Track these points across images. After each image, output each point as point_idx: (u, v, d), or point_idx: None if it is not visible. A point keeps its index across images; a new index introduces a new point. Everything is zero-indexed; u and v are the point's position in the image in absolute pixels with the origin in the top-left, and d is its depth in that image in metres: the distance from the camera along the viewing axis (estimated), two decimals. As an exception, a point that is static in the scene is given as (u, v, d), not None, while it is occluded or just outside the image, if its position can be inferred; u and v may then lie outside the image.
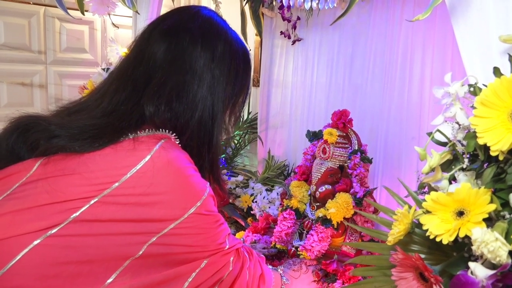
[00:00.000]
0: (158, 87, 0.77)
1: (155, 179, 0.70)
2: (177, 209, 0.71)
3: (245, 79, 0.90)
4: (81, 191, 0.68)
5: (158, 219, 0.70)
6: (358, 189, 1.29)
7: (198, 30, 0.81)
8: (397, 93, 1.52)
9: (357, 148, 1.35)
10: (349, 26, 1.65)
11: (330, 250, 1.29)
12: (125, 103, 0.77)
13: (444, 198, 0.58)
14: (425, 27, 1.41)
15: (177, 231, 0.71)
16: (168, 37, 0.81)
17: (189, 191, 0.73)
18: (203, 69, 0.79)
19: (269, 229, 1.47)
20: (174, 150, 0.75)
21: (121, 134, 0.74)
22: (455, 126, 0.63)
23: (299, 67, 1.87)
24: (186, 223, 0.72)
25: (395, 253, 0.64)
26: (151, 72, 0.78)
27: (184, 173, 0.73)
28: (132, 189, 0.69)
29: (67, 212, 0.67)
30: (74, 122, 0.75)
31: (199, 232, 0.74)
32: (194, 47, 0.79)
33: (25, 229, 0.65)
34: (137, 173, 0.70)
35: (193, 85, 0.79)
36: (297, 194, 1.41)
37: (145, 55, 0.80)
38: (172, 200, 0.71)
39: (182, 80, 0.78)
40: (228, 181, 1.82)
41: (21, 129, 0.76)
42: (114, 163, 0.71)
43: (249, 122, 2.23)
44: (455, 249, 0.63)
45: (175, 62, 0.79)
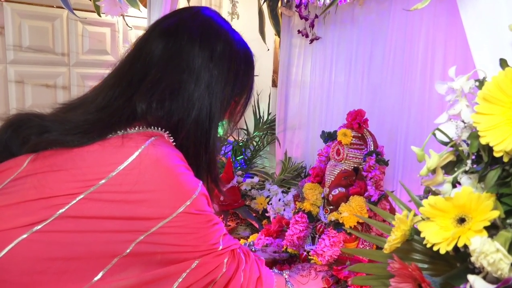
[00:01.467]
0: (152, 84, 0.77)
1: (142, 177, 0.69)
2: (165, 207, 0.70)
3: (246, 80, 0.88)
4: (68, 187, 0.68)
5: (146, 217, 0.69)
6: (372, 192, 1.23)
7: (197, 29, 0.81)
8: (417, 93, 1.45)
9: (372, 149, 1.29)
10: (368, 23, 1.59)
11: (342, 256, 1.24)
12: (118, 98, 0.76)
13: (443, 204, 0.53)
14: (446, 22, 1.33)
15: (165, 230, 0.70)
16: (167, 36, 0.80)
17: (177, 190, 0.71)
18: (200, 68, 0.78)
19: (282, 232, 1.43)
20: (164, 148, 0.73)
21: (110, 130, 0.74)
22: (459, 124, 0.58)
23: (317, 66, 1.82)
24: (175, 222, 0.70)
25: (392, 262, 0.59)
26: (147, 69, 0.78)
27: (173, 171, 0.71)
28: (118, 186, 0.68)
29: (54, 208, 0.67)
30: (68, 118, 0.76)
31: (189, 231, 0.72)
32: (192, 46, 0.79)
33: (12, 224, 0.66)
34: (124, 170, 0.69)
35: (190, 84, 0.78)
36: (310, 197, 1.36)
37: (143, 53, 0.79)
38: (160, 199, 0.69)
39: (177, 78, 0.78)
40: (243, 183, 1.79)
41: (14, 126, 0.76)
42: (101, 160, 0.70)
43: (269, 123, 2.20)
44: (459, 260, 0.58)
45: (172, 60, 0.78)
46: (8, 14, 1.81)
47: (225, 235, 0.80)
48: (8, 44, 1.83)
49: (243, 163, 2.21)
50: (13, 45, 1.84)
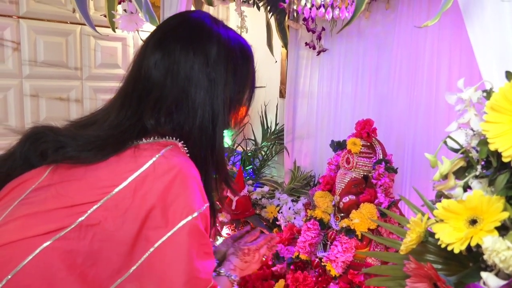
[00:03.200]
0: (156, 101, 0.79)
1: (155, 184, 0.71)
2: (170, 217, 0.70)
3: (246, 75, 0.88)
4: (86, 195, 0.71)
5: (154, 227, 0.70)
6: (382, 200, 1.26)
7: (188, 37, 0.81)
8: (424, 102, 1.49)
9: (381, 157, 1.33)
10: (374, 35, 1.64)
11: (355, 262, 1.27)
12: (130, 118, 0.79)
13: (455, 206, 0.57)
14: (451, 33, 1.38)
15: (165, 246, 0.70)
16: (160, 49, 0.81)
17: (184, 200, 0.71)
18: (198, 75, 0.79)
19: (293, 240, 1.46)
20: (178, 157, 0.75)
21: (123, 145, 0.76)
22: (469, 132, 0.62)
23: (324, 77, 1.87)
24: (175, 237, 0.70)
25: (408, 263, 0.62)
26: (149, 86, 0.80)
27: (186, 180, 0.72)
28: (133, 191, 0.70)
29: (74, 216, 0.69)
30: (81, 134, 0.78)
31: (183, 252, 0.71)
32: (187, 55, 0.79)
33: (35, 232, 0.68)
34: (138, 177, 0.71)
35: (191, 92, 0.79)
36: (321, 205, 1.40)
37: (142, 70, 0.81)
38: (168, 206, 0.71)
39: (179, 90, 0.79)
40: (254, 192, 1.83)
41: (32, 139, 0.79)
42: (117, 169, 0.73)
43: (276, 133, 2.24)
44: (471, 259, 0.61)
45: (170, 74, 0.79)
46: (24, 31, 1.87)
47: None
48: (24, 59, 1.89)
49: (252, 173, 2.25)
50: (28, 60, 1.90)
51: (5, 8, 1.81)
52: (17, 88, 1.89)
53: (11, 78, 1.87)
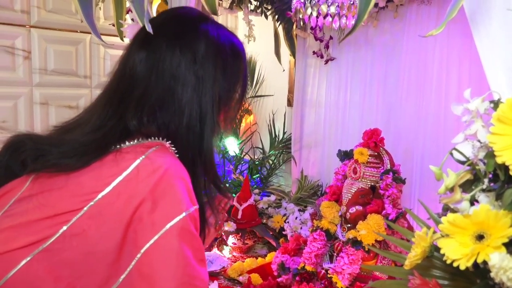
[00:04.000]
0: (139, 99, 0.76)
1: (139, 188, 0.68)
2: (157, 220, 0.67)
3: (236, 72, 0.84)
4: (68, 204, 0.68)
5: (140, 231, 0.67)
6: (390, 211, 1.24)
7: (174, 33, 0.79)
8: (433, 112, 1.47)
9: (389, 167, 1.31)
10: (382, 44, 1.63)
11: (361, 274, 1.25)
12: (111, 118, 0.76)
13: (462, 221, 0.55)
14: (460, 42, 1.36)
15: (151, 251, 0.66)
16: (145, 46, 0.79)
17: (171, 201, 0.68)
18: (185, 73, 0.77)
19: (299, 250, 1.44)
20: (164, 158, 0.72)
21: (106, 150, 0.73)
22: (476, 144, 0.60)
23: (332, 86, 1.86)
24: (162, 241, 0.66)
25: (413, 278, 0.60)
26: (133, 84, 0.77)
27: (171, 181, 0.69)
28: (116, 197, 0.68)
29: (57, 226, 0.67)
30: (64, 140, 0.76)
31: (173, 257, 0.66)
32: (173, 53, 0.77)
33: (18, 244, 0.66)
34: (121, 181, 0.68)
35: (177, 91, 0.76)
36: (328, 215, 1.38)
37: (127, 67, 0.78)
38: (154, 210, 0.67)
39: (164, 88, 0.76)
40: (260, 201, 1.81)
41: (12, 149, 0.77)
42: (100, 175, 0.70)
43: (284, 142, 2.23)
44: (478, 276, 0.59)
45: (155, 71, 0.77)
46: (35, 40, 1.90)
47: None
48: (34, 68, 1.92)
49: (259, 181, 2.23)
50: (38, 68, 1.92)
51: (17, 17, 1.83)
52: (27, 96, 1.91)
53: (22, 86, 1.89)
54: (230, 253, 1.70)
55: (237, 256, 1.67)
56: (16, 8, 1.82)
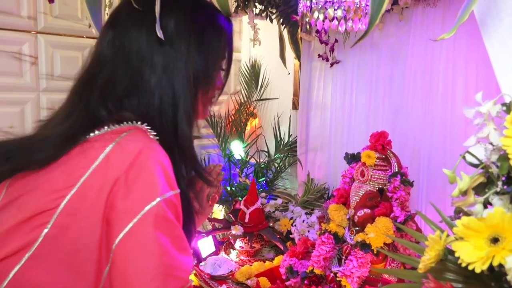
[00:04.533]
0: (105, 84, 0.72)
1: (109, 176, 0.64)
2: (129, 208, 0.63)
3: (215, 49, 0.78)
4: (44, 203, 0.65)
5: (113, 222, 0.63)
6: (398, 213, 1.24)
7: (142, 12, 0.73)
8: (439, 114, 1.47)
9: (397, 170, 1.31)
10: (388, 47, 1.63)
11: (371, 277, 1.25)
12: (77, 107, 0.73)
13: (476, 224, 0.55)
14: (467, 44, 1.36)
15: (122, 245, 0.62)
16: (112, 27, 0.75)
17: (144, 186, 0.64)
18: (153, 53, 0.72)
19: (307, 254, 1.44)
20: (138, 142, 0.67)
21: (74, 141, 0.69)
22: (488, 147, 0.60)
23: (338, 89, 1.86)
24: (134, 232, 0.62)
25: (427, 281, 0.60)
26: (101, 68, 0.73)
27: (145, 166, 0.65)
28: (89, 190, 0.64)
29: (38, 229, 0.64)
30: (34, 137, 0.73)
31: (147, 249, 0.62)
32: (139, 32, 0.72)
33: (4, 253, 0.64)
34: (92, 172, 0.65)
35: (145, 73, 0.72)
36: (335, 218, 1.38)
37: (97, 51, 0.75)
38: (126, 197, 0.63)
39: (132, 71, 0.72)
40: (267, 204, 1.81)
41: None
42: (69, 169, 0.67)
43: (290, 145, 2.23)
44: (493, 279, 0.59)
45: (121, 53, 0.72)
46: (41, 45, 1.91)
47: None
48: (41, 73, 1.93)
49: (265, 185, 2.24)
50: (45, 74, 1.93)
51: (24, 23, 1.85)
52: (34, 101, 1.92)
53: (29, 92, 1.90)
54: (237, 256, 1.70)
55: (245, 260, 1.67)
56: (23, 14, 1.84)
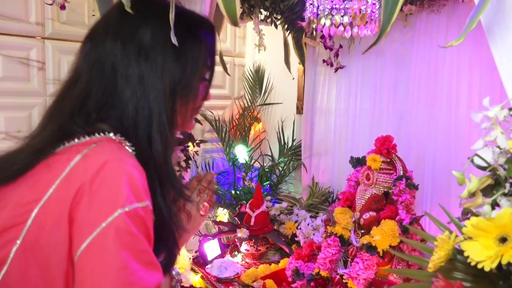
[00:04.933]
0: (79, 96, 0.71)
1: (72, 189, 0.62)
2: (90, 220, 0.60)
3: (195, 58, 0.75)
4: (13, 218, 0.64)
5: (76, 236, 0.61)
6: (404, 216, 1.26)
7: (118, 24, 0.72)
8: (444, 119, 1.49)
9: (402, 174, 1.33)
10: (392, 52, 1.65)
11: (376, 279, 1.26)
12: (52, 119, 0.72)
13: (485, 224, 0.57)
14: (471, 50, 1.38)
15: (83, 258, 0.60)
16: (89, 39, 0.74)
17: (105, 198, 0.61)
18: (127, 66, 0.70)
19: (313, 256, 1.46)
20: (105, 153, 0.65)
21: (42, 154, 0.67)
22: (495, 150, 0.62)
23: (342, 94, 1.88)
24: (95, 244, 0.59)
25: (437, 280, 0.62)
26: (77, 80, 0.72)
27: (110, 177, 0.62)
28: (54, 204, 0.62)
29: (7, 246, 0.63)
30: (11, 152, 0.72)
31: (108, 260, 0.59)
32: (114, 44, 0.70)
33: None
34: (57, 187, 0.63)
35: (119, 86, 0.70)
36: (341, 221, 1.40)
37: (74, 65, 0.74)
38: (86, 210, 0.61)
39: (107, 83, 0.70)
40: (272, 208, 1.83)
41: None
42: (36, 183, 0.65)
43: (293, 149, 2.25)
44: (501, 278, 0.61)
45: (96, 65, 0.71)
46: (49, 51, 1.94)
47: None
48: (48, 78, 1.95)
49: (269, 188, 2.26)
50: (52, 79, 1.96)
51: (31, 29, 1.87)
52: (41, 106, 1.94)
53: (36, 97, 1.92)
54: (242, 259, 1.72)
55: (250, 263, 1.69)
56: (31, 20, 1.86)
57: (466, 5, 1.38)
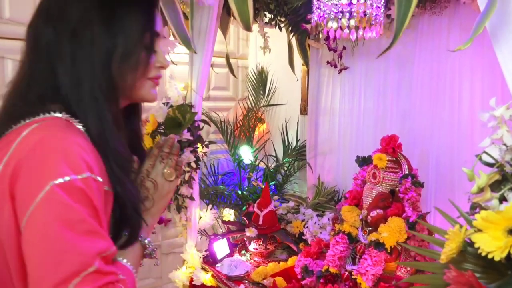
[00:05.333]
0: (21, 80, 0.74)
1: (10, 169, 0.64)
2: (26, 199, 0.62)
3: (132, 27, 0.74)
4: None
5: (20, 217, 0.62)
6: (410, 213, 1.29)
7: (47, 6, 0.75)
8: (447, 118, 1.53)
9: (408, 172, 1.37)
10: (395, 53, 1.69)
11: (385, 275, 1.30)
12: (3, 107, 0.75)
13: (494, 217, 0.60)
14: (473, 51, 1.42)
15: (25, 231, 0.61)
16: (28, 27, 0.75)
17: (38, 172, 0.62)
18: (60, 45, 0.71)
19: (321, 254, 1.49)
20: (44, 131, 0.67)
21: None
22: (502, 147, 0.66)
23: (346, 94, 1.92)
24: (35, 213, 0.61)
25: (449, 271, 0.66)
26: (23, 67, 0.75)
27: (44, 153, 0.63)
28: (1, 185, 0.64)
29: None
30: None
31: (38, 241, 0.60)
32: (46, 26, 0.72)
33: None
34: (3, 168, 0.65)
35: (55, 66, 0.72)
36: (349, 219, 1.43)
37: (21, 52, 0.76)
38: (22, 188, 0.63)
39: (44, 65, 0.72)
40: (279, 207, 1.87)
41: None
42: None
43: (298, 149, 2.29)
44: (510, 268, 0.65)
45: (35, 49, 0.74)
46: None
47: (105, 258, 0.64)
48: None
49: (274, 188, 2.29)
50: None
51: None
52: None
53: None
54: (251, 258, 1.75)
55: (258, 261, 1.73)
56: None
57: (467, 7, 1.41)
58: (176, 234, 2.43)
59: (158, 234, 2.39)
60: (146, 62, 0.77)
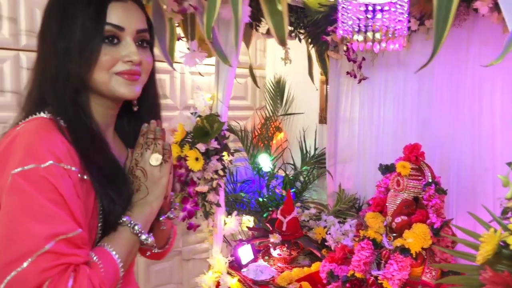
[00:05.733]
0: (29, 92, 0.83)
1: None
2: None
3: (83, 22, 0.77)
4: None
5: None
6: (435, 220, 1.33)
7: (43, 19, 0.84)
8: (467, 126, 1.57)
9: (431, 180, 1.41)
10: (414, 64, 1.74)
11: (410, 280, 1.34)
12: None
13: (529, 220, 0.65)
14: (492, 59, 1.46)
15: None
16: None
17: (9, 163, 0.69)
18: (41, 46, 0.82)
19: (345, 259, 1.53)
20: (24, 127, 0.74)
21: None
22: (534, 155, 0.70)
23: (365, 103, 1.97)
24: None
25: (485, 272, 0.70)
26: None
27: (15, 144, 0.71)
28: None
29: None
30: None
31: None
32: (38, 40, 0.83)
33: None
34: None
35: (34, 71, 0.83)
36: (373, 225, 1.47)
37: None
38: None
39: (37, 66, 0.83)
40: (302, 214, 1.91)
41: None
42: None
43: (316, 158, 2.33)
44: (543, 269, 0.69)
45: (38, 50, 0.83)
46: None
47: (67, 241, 0.67)
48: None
49: (293, 196, 2.33)
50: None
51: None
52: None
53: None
54: (274, 263, 1.79)
55: (282, 267, 1.76)
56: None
57: (487, 19, 1.46)
58: (196, 240, 2.48)
59: (179, 241, 2.43)
60: (97, 55, 0.78)
